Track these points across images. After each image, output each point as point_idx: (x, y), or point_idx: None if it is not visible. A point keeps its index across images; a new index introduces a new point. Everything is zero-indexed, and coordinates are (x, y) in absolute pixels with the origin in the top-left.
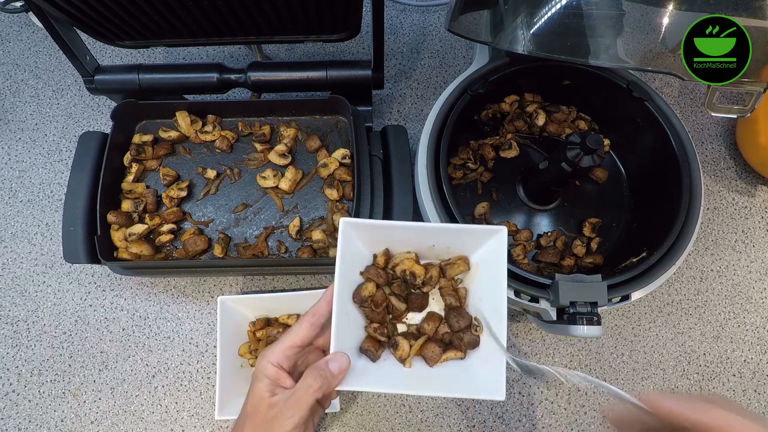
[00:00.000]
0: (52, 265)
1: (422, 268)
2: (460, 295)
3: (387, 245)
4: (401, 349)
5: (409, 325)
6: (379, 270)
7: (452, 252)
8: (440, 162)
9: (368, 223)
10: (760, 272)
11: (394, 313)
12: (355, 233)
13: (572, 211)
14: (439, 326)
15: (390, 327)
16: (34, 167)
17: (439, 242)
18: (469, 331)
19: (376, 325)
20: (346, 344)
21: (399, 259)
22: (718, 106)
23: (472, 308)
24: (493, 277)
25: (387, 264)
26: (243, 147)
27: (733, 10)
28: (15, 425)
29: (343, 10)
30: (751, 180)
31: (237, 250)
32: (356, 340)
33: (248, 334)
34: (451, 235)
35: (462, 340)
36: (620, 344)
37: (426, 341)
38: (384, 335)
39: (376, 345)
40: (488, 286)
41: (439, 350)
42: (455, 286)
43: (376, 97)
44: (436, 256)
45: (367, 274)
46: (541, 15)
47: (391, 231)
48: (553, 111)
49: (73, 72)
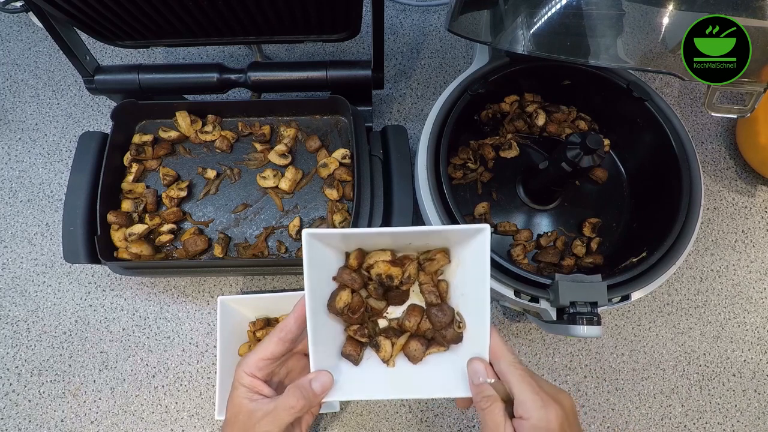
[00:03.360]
0: (52, 265)
1: (399, 269)
2: (441, 290)
3: (359, 245)
4: (383, 350)
5: (390, 319)
6: (353, 274)
7: (431, 246)
8: (440, 162)
9: (334, 232)
10: (760, 272)
11: (373, 311)
12: (322, 244)
13: (572, 211)
14: (421, 321)
15: (370, 325)
16: (34, 167)
17: (417, 240)
18: (451, 327)
19: (356, 327)
20: (326, 356)
21: (373, 260)
22: (718, 106)
23: (453, 303)
24: (476, 273)
25: (361, 265)
26: (243, 147)
27: (733, 10)
28: (15, 425)
29: (343, 10)
30: (751, 180)
31: (237, 250)
32: (336, 346)
33: (248, 334)
34: (433, 237)
35: (445, 338)
36: (620, 344)
37: (408, 338)
38: (365, 336)
39: (357, 348)
40: (471, 285)
41: (422, 348)
42: (435, 280)
43: (376, 97)
44: (415, 249)
45: (340, 279)
46: (541, 15)
47: (364, 238)
48: (553, 111)
49: (73, 72)
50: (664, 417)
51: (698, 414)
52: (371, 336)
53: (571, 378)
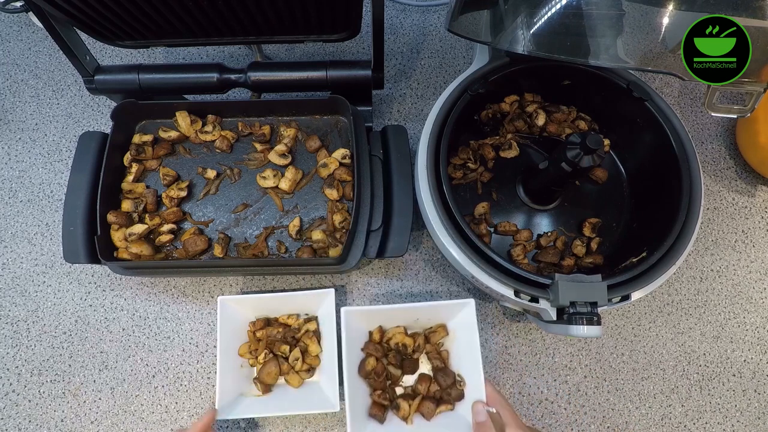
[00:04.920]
0: (52, 265)
1: (411, 339)
2: (443, 357)
3: (380, 322)
4: (402, 410)
5: (405, 387)
6: (377, 345)
7: (433, 322)
8: (440, 162)
9: (365, 309)
10: (760, 272)
11: (392, 379)
12: (354, 317)
13: (572, 211)
14: (430, 385)
15: (390, 391)
16: (34, 167)
17: (422, 316)
18: (454, 386)
19: (379, 391)
20: (358, 411)
21: (392, 333)
22: (718, 106)
23: (455, 367)
24: (468, 340)
25: (382, 339)
26: (243, 147)
27: (733, 10)
28: (15, 425)
29: (343, 10)
30: (751, 180)
31: (237, 250)
32: (365, 407)
33: (248, 334)
34: (431, 310)
35: (450, 395)
36: (620, 344)
37: (421, 400)
38: (386, 399)
39: (381, 409)
40: (465, 348)
41: (433, 406)
42: (438, 349)
43: (376, 97)
44: (421, 326)
45: (367, 350)
46: (541, 15)
47: (383, 313)
48: (553, 111)
49: (73, 72)
50: (664, 417)
51: (698, 414)
52: (391, 400)
53: (571, 378)
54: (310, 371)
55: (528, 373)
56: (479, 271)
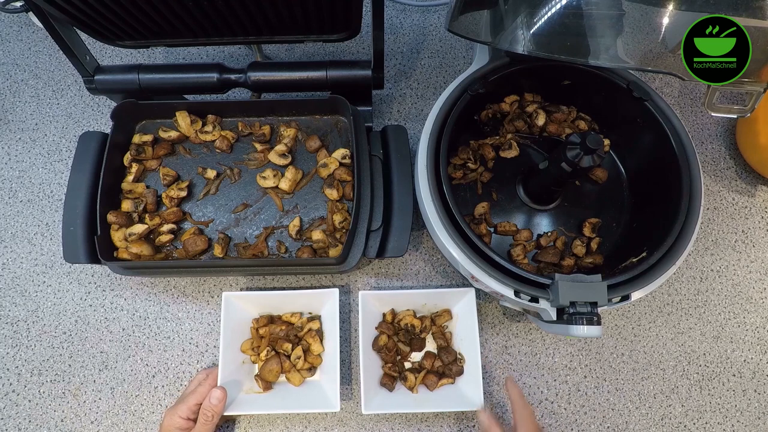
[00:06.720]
0: (52, 265)
1: (419, 321)
2: (447, 337)
3: (392, 305)
4: (409, 381)
5: (413, 362)
6: (389, 324)
7: (439, 306)
8: (440, 162)
9: (379, 293)
10: (760, 272)
11: (401, 355)
12: (370, 300)
13: (572, 211)
14: (434, 361)
15: (400, 365)
16: (34, 167)
17: (429, 301)
18: (455, 363)
19: (390, 364)
20: (371, 380)
21: (402, 315)
22: (718, 106)
23: (456, 346)
24: (468, 324)
25: (393, 319)
26: (243, 147)
27: (733, 10)
28: (15, 425)
29: (343, 10)
30: (751, 180)
31: (237, 250)
32: (377, 377)
33: (251, 330)
34: (437, 296)
35: (452, 371)
36: (620, 344)
37: (426, 373)
38: (395, 371)
39: (391, 380)
40: (465, 331)
41: (436, 379)
42: (443, 331)
43: (376, 97)
44: (428, 310)
45: (380, 329)
46: (541, 15)
47: (395, 297)
48: (553, 111)
49: (73, 72)
50: (664, 417)
51: (698, 414)
52: (400, 372)
53: (571, 378)
54: (312, 370)
55: (528, 373)
56: (479, 271)
